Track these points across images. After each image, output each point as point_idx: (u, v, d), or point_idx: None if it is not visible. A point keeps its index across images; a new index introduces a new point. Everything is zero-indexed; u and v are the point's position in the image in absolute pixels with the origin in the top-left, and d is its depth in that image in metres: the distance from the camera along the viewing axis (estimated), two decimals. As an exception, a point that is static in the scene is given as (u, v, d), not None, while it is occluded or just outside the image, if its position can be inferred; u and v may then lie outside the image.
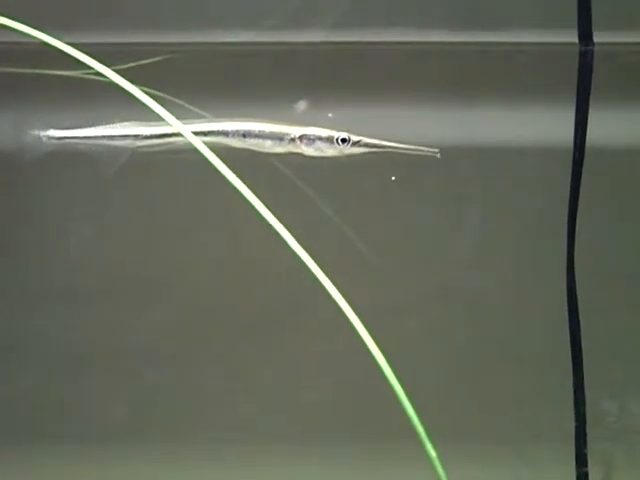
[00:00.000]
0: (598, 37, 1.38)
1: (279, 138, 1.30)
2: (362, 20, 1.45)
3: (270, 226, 0.91)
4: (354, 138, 1.29)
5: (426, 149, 1.28)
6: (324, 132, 1.30)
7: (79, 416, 1.62)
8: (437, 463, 0.87)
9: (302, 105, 1.43)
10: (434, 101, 1.50)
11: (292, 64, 1.48)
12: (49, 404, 1.62)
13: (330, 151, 1.30)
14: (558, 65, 1.44)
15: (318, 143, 1.29)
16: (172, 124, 0.92)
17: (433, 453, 0.87)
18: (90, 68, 1.01)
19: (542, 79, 1.47)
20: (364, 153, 1.29)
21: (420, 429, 0.86)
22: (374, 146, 1.29)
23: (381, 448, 1.56)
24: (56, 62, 1.24)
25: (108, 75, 0.93)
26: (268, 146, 1.30)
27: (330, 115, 1.42)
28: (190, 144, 0.98)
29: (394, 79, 1.49)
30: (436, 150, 1.27)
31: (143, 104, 0.95)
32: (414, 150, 1.28)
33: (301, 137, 1.30)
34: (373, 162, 1.37)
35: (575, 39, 1.39)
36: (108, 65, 1.05)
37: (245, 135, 1.30)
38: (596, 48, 1.38)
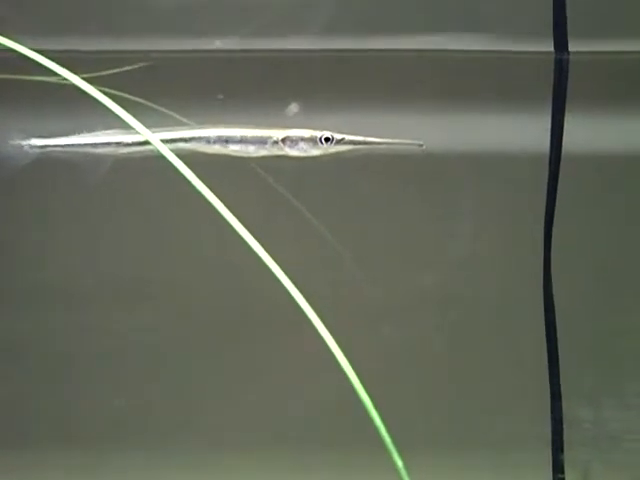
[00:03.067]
0: (573, 46, 1.39)
1: (262, 142, 1.30)
2: (349, 27, 1.45)
3: (239, 235, 0.91)
4: (337, 136, 1.29)
5: (410, 142, 1.28)
6: (306, 133, 1.29)
7: (72, 418, 1.62)
8: (404, 473, 0.87)
9: (294, 108, 1.43)
10: (415, 108, 1.50)
11: (278, 71, 1.48)
12: (45, 405, 1.62)
13: (314, 151, 1.30)
14: (534, 73, 1.45)
15: (301, 144, 1.29)
16: (140, 131, 0.92)
17: (400, 463, 0.87)
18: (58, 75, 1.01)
19: (518, 87, 1.47)
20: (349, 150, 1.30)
21: (387, 438, 0.86)
22: (358, 143, 1.28)
23: (349, 458, 1.56)
24: (35, 70, 1.24)
25: (76, 82, 0.92)
26: (251, 151, 1.30)
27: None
28: (173, 151, 0.98)
29: (376, 87, 1.49)
30: (421, 143, 1.27)
31: (110, 110, 0.95)
32: (398, 144, 1.28)
33: (284, 139, 1.29)
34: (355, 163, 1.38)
35: (551, 48, 1.39)
36: (90, 72, 1.04)
37: (227, 141, 1.30)
38: (571, 57, 1.39)
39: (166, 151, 0.85)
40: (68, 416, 1.62)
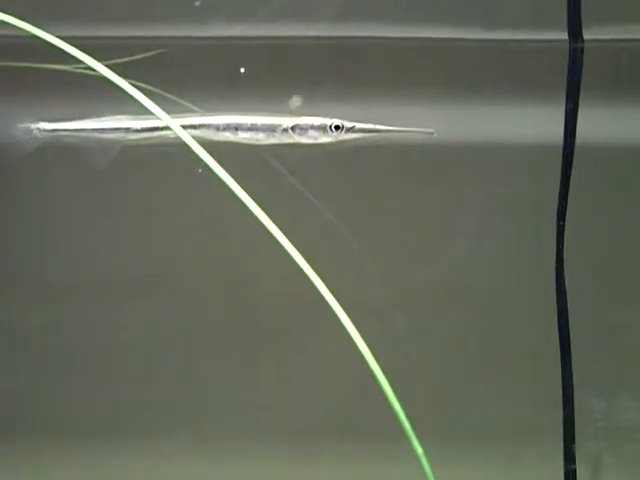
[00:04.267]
0: (588, 34, 1.39)
1: (272, 129, 1.29)
2: (354, 15, 1.45)
3: (260, 223, 0.91)
4: (347, 124, 1.29)
5: (420, 130, 1.28)
6: (317, 121, 1.29)
7: (74, 413, 1.62)
8: (424, 460, 0.87)
9: (297, 101, 1.43)
10: (426, 97, 1.50)
11: (288, 59, 1.47)
12: (45, 400, 1.62)
13: (324, 139, 1.29)
14: (548, 62, 1.44)
15: (311, 132, 1.29)
16: (161, 118, 0.92)
17: (420, 450, 0.87)
18: (81, 62, 1.01)
19: (533, 76, 1.47)
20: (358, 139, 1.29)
21: (407, 426, 0.86)
22: (368, 131, 1.29)
23: (370, 447, 1.56)
24: (47, 55, 1.23)
25: (98, 69, 0.93)
26: (261, 138, 1.30)
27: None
28: (181, 138, 0.98)
29: (383, 75, 1.49)
30: (431, 131, 1.27)
31: (134, 98, 0.95)
32: (408, 132, 1.28)
33: (294, 127, 1.29)
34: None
35: (565, 36, 1.39)
36: (103, 59, 1.04)
37: (237, 128, 1.29)
38: (586, 45, 1.39)
39: (187, 137, 0.85)
40: (69, 411, 1.62)
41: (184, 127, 1.27)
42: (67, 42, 1.02)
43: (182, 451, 1.61)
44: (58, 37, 1.03)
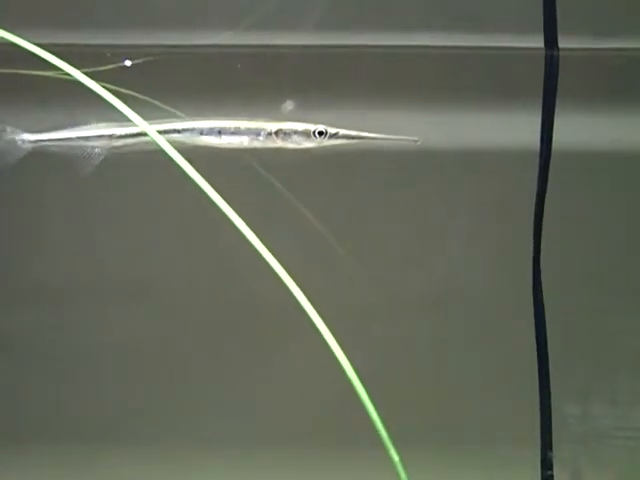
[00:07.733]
0: (563, 42, 1.39)
1: (255, 134, 1.29)
2: (344, 23, 1.45)
3: (236, 227, 0.91)
4: (331, 130, 1.28)
5: (405, 138, 1.28)
6: (300, 126, 1.29)
7: (67, 417, 1.61)
8: (400, 468, 0.87)
9: (289, 105, 1.43)
10: (409, 104, 1.50)
11: (279, 67, 1.47)
12: (40, 403, 1.62)
13: (308, 144, 1.29)
14: (524, 69, 1.45)
15: (295, 137, 1.29)
16: (137, 123, 0.92)
17: (396, 457, 0.87)
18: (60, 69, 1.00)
19: (508, 83, 1.48)
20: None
21: (383, 433, 0.86)
22: (352, 137, 1.28)
23: (347, 453, 1.57)
24: (32, 64, 1.23)
25: (76, 76, 0.92)
26: (245, 142, 1.30)
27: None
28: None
29: (368, 83, 1.50)
30: (415, 138, 1.28)
31: (111, 104, 0.94)
32: (392, 140, 1.28)
33: (277, 132, 1.29)
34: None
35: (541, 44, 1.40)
36: (91, 67, 1.04)
37: (221, 132, 1.29)
38: (561, 53, 1.40)
39: (162, 141, 0.84)
40: (65, 413, 1.61)
41: (167, 132, 1.28)
42: (56, 50, 1.02)
43: (177, 454, 1.60)
44: (48, 44, 1.03)
